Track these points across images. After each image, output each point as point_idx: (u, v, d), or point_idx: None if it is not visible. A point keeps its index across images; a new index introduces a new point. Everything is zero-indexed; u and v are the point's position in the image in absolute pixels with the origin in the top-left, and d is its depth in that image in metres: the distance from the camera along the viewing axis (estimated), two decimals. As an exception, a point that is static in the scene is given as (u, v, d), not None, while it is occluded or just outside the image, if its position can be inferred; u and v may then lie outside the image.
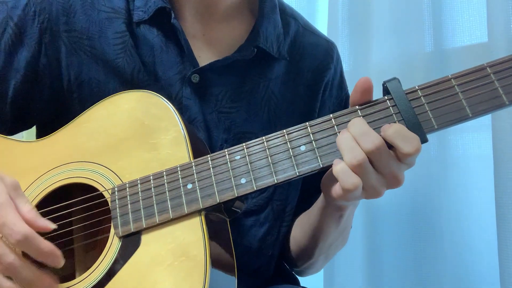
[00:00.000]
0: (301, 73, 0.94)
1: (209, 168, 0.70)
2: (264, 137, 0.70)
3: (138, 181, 0.71)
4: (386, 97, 0.67)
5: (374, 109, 0.67)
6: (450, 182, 1.12)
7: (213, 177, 0.69)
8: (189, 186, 0.69)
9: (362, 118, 0.66)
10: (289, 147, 0.68)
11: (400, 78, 0.67)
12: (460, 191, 1.12)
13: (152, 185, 0.71)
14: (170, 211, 0.68)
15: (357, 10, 1.27)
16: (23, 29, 0.84)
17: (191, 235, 0.66)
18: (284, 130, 0.69)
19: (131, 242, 0.68)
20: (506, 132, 0.98)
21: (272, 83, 0.91)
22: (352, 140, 0.64)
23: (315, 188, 0.79)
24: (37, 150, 0.79)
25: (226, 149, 0.70)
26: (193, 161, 0.71)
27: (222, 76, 0.88)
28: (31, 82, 0.85)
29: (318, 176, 0.71)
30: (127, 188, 0.71)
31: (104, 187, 0.73)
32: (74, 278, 0.69)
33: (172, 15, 0.84)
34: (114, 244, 0.69)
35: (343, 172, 0.63)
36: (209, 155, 0.71)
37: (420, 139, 0.63)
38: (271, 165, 0.68)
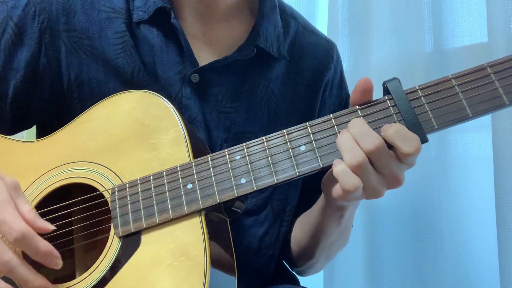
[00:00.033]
0: (301, 73, 0.94)
1: (209, 168, 0.69)
2: (264, 137, 0.70)
3: (138, 181, 0.71)
4: (386, 97, 0.67)
5: (374, 109, 0.67)
6: (450, 182, 1.12)
7: (213, 177, 0.69)
8: (189, 186, 0.69)
9: (362, 118, 0.66)
10: (289, 147, 0.68)
11: (400, 78, 0.67)
12: (460, 191, 1.12)
13: (152, 185, 0.70)
14: (170, 211, 0.68)
15: (357, 10, 1.27)
16: (23, 29, 0.84)
17: (191, 235, 0.66)
18: (284, 130, 0.69)
19: (131, 242, 0.68)
20: (506, 132, 0.98)
21: (272, 83, 0.91)
22: (352, 140, 0.64)
23: (315, 188, 0.79)
24: (37, 150, 0.79)
25: (226, 149, 0.70)
26: (193, 161, 0.71)
27: (222, 76, 0.88)
28: (31, 82, 0.85)
29: (318, 176, 0.71)
30: (127, 188, 0.71)
31: (104, 187, 0.73)
32: (74, 278, 0.69)
33: (172, 15, 0.84)
34: (114, 244, 0.69)
35: (343, 173, 0.63)
36: (209, 155, 0.71)
37: (420, 139, 0.63)
38: (271, 165, 0.68)
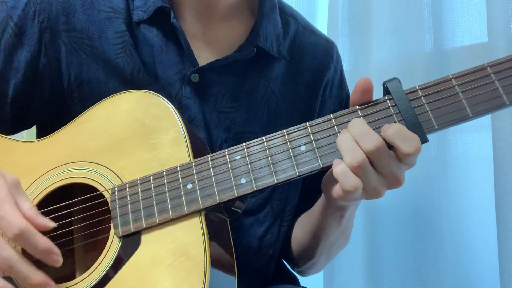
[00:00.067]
0: (301, 72, 0.94)
1: (209, 168, 0.69)
2: (264, 137, 0.70)
3: (138, 181, 0.71)
4: (386, 97, 0.67)
5: (374, 109, 0.67)
6: (450, 182, 1.12)
7: (213, 177, 0.69)
8: (189, 186, 0.69)
9: (362, 118, 0.66)
10: (289, 147, 0.68)
11: (400, 78, 0.67)
12: (460, 191, 1.12)
13: (152, 185, 0.70)
14: (170, 211, 0.68)
15: (357, 10, 1.27)
16: (23, 29, 0.84)
17: (191, 235, 0.66)
18: (284, 130, 0.69)
19: (131, 242, 0.68)
20: (506, 132, 0.98)
21: (272, 82, 0.91)
22: (352, 140, 0.64)
23: (315, 188, 0.79)
24: (37, 150, 0.79)
25: (226, 149, 0.70)
26: (193, 161, 0.70)
27: (221, 75, 0.87)
28: (31, 82, 0.85)
29: (318, 176, 0.71)
30: (127, 188, 0.71)
31: (104, 187, 0.73)
32: (74, 278, 0.69)
33: (172, 14, 0.84)
34: (114, 244, 0.69)
35: (343, 173, 0.63)
36: (209, 155, 0.71)
37: (420, 139, 0.63)
38: (271, 165, 0.68)
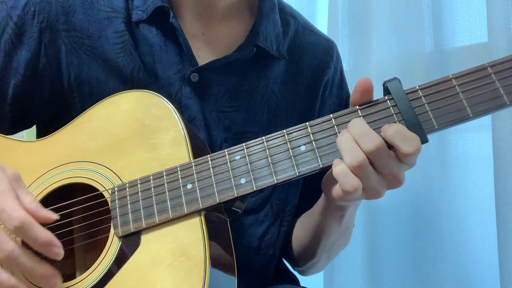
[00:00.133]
0: (301, 72, 0.94)
1: (209, 168, 0.69)
2: (264, 137, 0.70)
3: (138, 181, 0.71)
4: (386, 97, 0.67)
5: (374, 109, 0.67)
6: (450, 182, 1.12)
7: (213, 177, 0.69)
8: (189, 186, 0.69)
9: (362, 118, 0.66)
10: (289, 147, 0.68)
11: (400, 78, 0.67)
12: (460, 191, 1.12)
13: (152, 185, 0.70)
14: (170, 211, 0.68)
15: (357, 10, 1.27)
16: (23, 29, 0.84)
17: (191, 235, 0.66)
18: (284, 130, 0.69)
19: (131, 242, 0.68)
20: (506, 132, 0.98)
21: (272, 82, 0.91)
22: (352, 141, 0.64)
23: (315, 188, 0.79)
24: (37, 150, 0.79)
25: (226, 149, 0.70)
26: (193, 161, 0.70)
27: (221, 75, 0.87)
28: (31, 82, 0.85)
29: (318, 176, 0.71)
30: (127, 188, 0.71)
31: (104, 187, 0.73)
32: (74, 278, 0.69)
33: (171, 14, 0.84)
34: (114, 244, 0.69)
35: (343, 173, 0.63)
36: (209, 155, 0.70)
37: (421, 139, 0.63)
38: (271, 165, 0.68)
